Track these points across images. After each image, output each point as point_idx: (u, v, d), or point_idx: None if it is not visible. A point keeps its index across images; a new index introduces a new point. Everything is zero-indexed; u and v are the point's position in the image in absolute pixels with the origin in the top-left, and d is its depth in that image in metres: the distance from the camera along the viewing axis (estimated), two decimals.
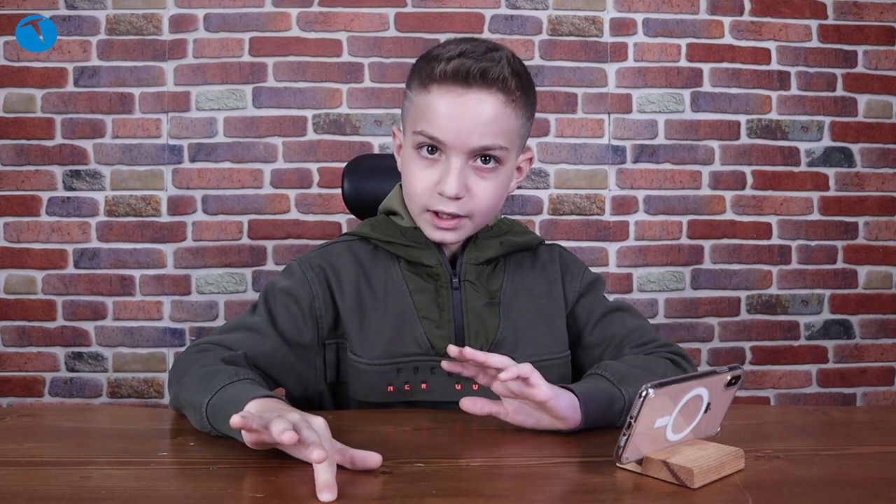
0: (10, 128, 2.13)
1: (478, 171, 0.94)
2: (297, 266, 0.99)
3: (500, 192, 0.97)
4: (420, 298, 0.97)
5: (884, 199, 2.30)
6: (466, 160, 0.93)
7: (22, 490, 0.63)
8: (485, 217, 0.98)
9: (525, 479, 0.67)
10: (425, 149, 0.94)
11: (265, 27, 2.17)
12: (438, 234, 0.96)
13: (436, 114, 0.91)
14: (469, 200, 0.94)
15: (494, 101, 0.91)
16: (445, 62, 0.90)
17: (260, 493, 0.62)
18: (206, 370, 0.81)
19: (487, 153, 0.93)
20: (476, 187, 0.94)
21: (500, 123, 0.92)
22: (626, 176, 2.25)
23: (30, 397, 2.15)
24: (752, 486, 0.65)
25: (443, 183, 0.92)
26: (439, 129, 0.91)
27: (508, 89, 0.91)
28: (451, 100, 0.90)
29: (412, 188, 0.96)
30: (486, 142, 0.91)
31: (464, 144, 0.91)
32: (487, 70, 0.89)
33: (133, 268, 2.16)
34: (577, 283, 1.05)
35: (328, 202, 2.18)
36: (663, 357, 0.94)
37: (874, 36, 2.28)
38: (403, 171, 0.99)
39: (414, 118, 0.95)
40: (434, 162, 0.94)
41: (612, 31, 2.24)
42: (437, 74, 0.91)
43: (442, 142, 0.92)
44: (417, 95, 0.94)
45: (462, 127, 0.90)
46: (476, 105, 0.90)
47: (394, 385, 0.94)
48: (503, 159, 0.95)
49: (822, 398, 2.30)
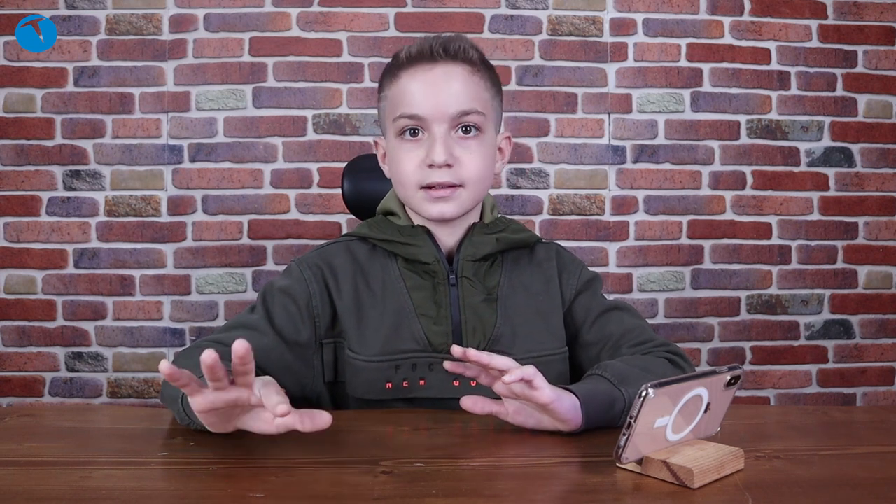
0: (10, 128, 2.13)
1: (461, 141, 0.97)
2: (296, 266, 1.00)
3: (487, 161, 1.00)
4: (418, 295, 0.98)
5: (884, 199, 2.30)
6: (448, 130, 0.96)
7: (22, 490, 0.63)
8: (478, 187, 0.99)
9: (525, 479, 0.67)
10: (408, 132, 0.97)
11: (265, 27, 2.17)
12: (437, 207, 0.97)
13: (410, 94, 0.96)
14: (459, 168, 0.96)
15: (461, 70, 0.97)
16: (408, 48, 0.98)
17: (260, 493, 0.62)
18: (189, 362, 0.82)
19: (466, 121, 0.96)
20: (463, 155, 0.96)
21: (471, 91, 0.97)
22: (626, 176, 2.25)
23: (30, 397, 2.15)
24: (752, 486, 0.65)
25: (430, 154, 0.95)
26: (417, 106, 0.95)
27: (471, 60, 0.98)
28: (421, 77, 0.96)
29: (402, 171, 0.98)
30: (462, 106, 0.95)
31: (442, 114, 0.95)
32: (448, 44, 0.96)
33: (133, 268, 2.16)
34: (574, 281, 1.05)
35: (328, 202, 2.18)
36: (661, 356, 0.94)
37: (874, 36, 2.28)
38: (391, 161, 1.01)
39: (391, 109, 0.99)
40: (418, 142, 0.97)
41: (612, 31, 2.24)
42: (403, 59, 0.97)
43: (421, 117, 0.95)
44: (390, 88, 1.00)
45: (437, 98, 0.95)
46: (445, 76, 0.96)
47: (392, 382, 0.95)
48: (482, 127, 0.98)
49: (822, 398, 2.30)
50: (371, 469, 0.68)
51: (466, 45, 0.98)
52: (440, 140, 0.95)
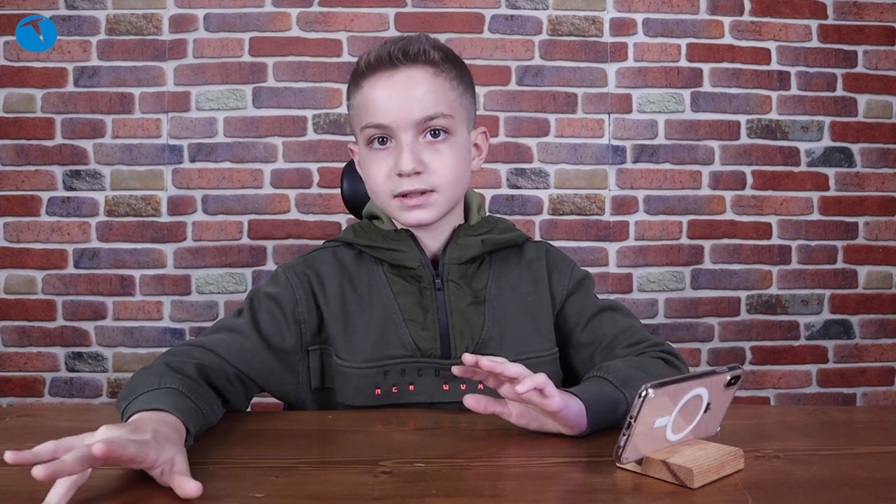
0: (10, 128, 2.13)
1: (429, 145, 0.95)
2: (282, 272, 1.00)
3: (460, 163, 0.98)
4: (404, 300, 0.97)
5: (884, 199, 2.30)
6: (415, 136, 0.94)
7: (22, 490, 0.63)
8: (451, 190, 0.97)
9: (525, 479, 0.67)
10: (376, 141, 0.96)
11: (265, 27, 2.17)
12: (413, 214, 0.96)
13: (374, 102, 0.95)
14: (429, 175, 0.95)
15: (423, 73, 0.94)
16: (367, 55, 0.96)
17: (260, 493, 0.62)
18: (144, 372, 0.81)
19: (432, 126, 0.95)
20: (432, 161, 0.95)
21: (435, 93, 0.94)
22: (626, 176, 2.25)
23: (30, 397, 2.15)
24: (752, 486, 0.65)
25: (398, 163, 0.94)
26: (381, 114, 0.94)
27: (433, 61, 0.95)
28: (382, 84, 0.94)
29: (373, 181, 0.98)
30: (427, 112, 0.93)
31: (406, 120, 0.93)
32: (407, 47, 0.94)
33: (133, 268, 2.16)
34: (565, 282, 1.03)
35: (328, 202, 2.18)
36: (656, 356, 0.94)
37: (874, 36, 2.28)
38: (363, 170, 1.01)
39: (358, 119, 0.98)
40: (387, 151, 0.96)
41: (612, 31, 2.24)
42: (363, 67, 0.96)
43: (386, 126, 0.94)
44: (354, 97, 0.98)
45: (400, 104, 0.93)
46: (406, 81, 0.94)
47: (381, 388, 0.94)
48: (451, 129, 0.96)
49: (822, 398, 2.30)
50: (371, 469, 0.68)
51: (427, 45, 0.95)
52: (407, 148, 0.93)
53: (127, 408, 0.74)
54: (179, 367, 0.84)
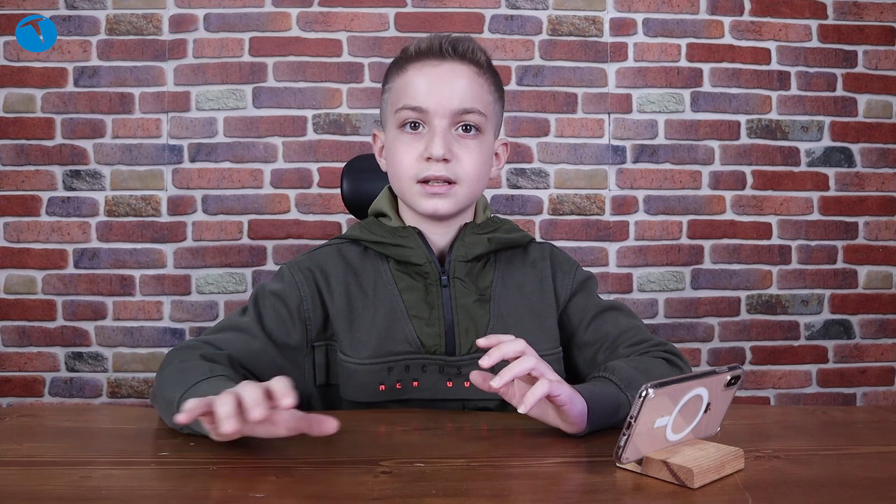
0: (10, 128, 2.13)
1: (460, 139, 0.98)
2: (287, 269, 1.00)
3: (484, 162, 1.00)
4: (409, 297, 0.98)
5: (884, 199, 2.30)
6: (449, 126, 0.96)
7: (22, 490, 0.63)
8: (472, 185, 0.99)
9: (525, 479, 0.67)
10: (408, 125, 0.98)
11: (265, 27, 2.17)
12: (431, 202, 0.97)
13: (415, 87, 0.97)
14: (456, 165, 0.96)
15: (468, 71, 0.98)
16: (418, 43, 0.99)
17: (260, 493, 0.62)
18: (183, 365, 0.82)
19: (467, 120, 0.97)
20: (461, 153, 0.97)
21: (475, 91, 0.98)
22: (626, 176, 2.25)
23: (30, 397, 2.15)
24: (752, 486, 0.65)
25: (429, 147, 0.95)
26: (420, 99, 0.96)
27: (479, 62, 0.99)
28: (428, 71, 0.97)
29: (399, 163, 0.98)
30: (465, 104, 0.96)
31: (445, 109, 0.95)
32: (457, 43, 0.98)
33: (133, 268, 2.16)
34: (569, 282, 1.04)
35: (328, 202, 2.18)
36: (659, 356, 0.94)
37: (874, 36, 2.28)
38: (389, 153, 1.02)
39: (394, 101, 0.99)
40: (418, 136, 0.98)
41: (612, 31, 2.24)
42: (412, 52, 0.98)
43: (424, 110, 0.96)
44: (395, 80, 1.00)
45: (441, 93, 0.96)
46: (451, 73, 0.97)
47: (385, 384, 0.95)
48: (482, 128, 0.99)
49: (822, 398, 2.30)
50: (371, 469, 0.68)
51: (475, 46, 0.99)
52: (440, 134, 0.95)
53: (184, 396, 0.75)
54: (214, 357, 0.86)
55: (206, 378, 0.77)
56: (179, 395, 0.75)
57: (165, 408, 0.79)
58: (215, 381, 0.77)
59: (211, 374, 0.78)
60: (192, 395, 0.74)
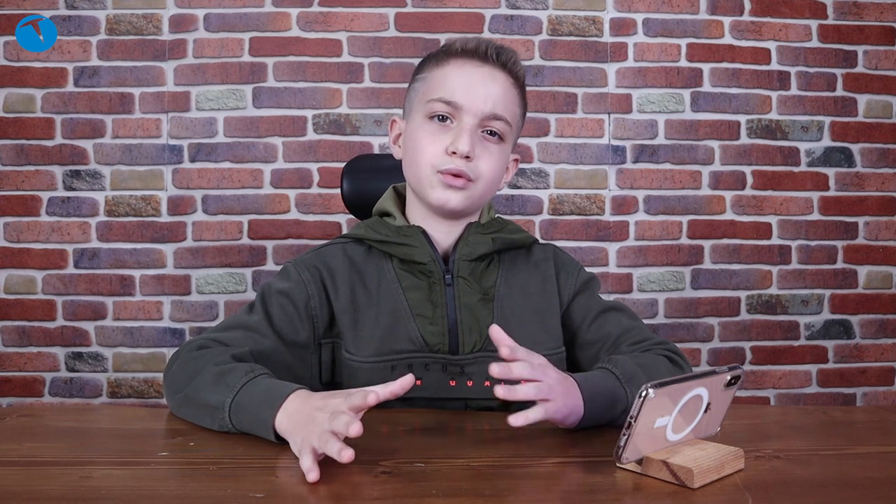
0: (10, 128, 2.13)
1: (484, 141, 0.99)
2: (293, 267, 1.00)
3: (500, 168, 1.01)
4: (413, 296, 0.98)
5: (884, 199, 2.30)
6: (476, 126, 0.97)
7: (22, 490, 0.63)
8: (486, 187, 1.00)
9: (525, 479, 0.67)
10: (437, 118, 0.98)
11: (265, 27, 2.17)
12: (445, 193, 0.97)
13: (453, 81, 0.98)
14: (477, 164, 0.98)
15: (505, 79, 0.99)
16: (465, 41, 1.00)
17: (260, 493, 0.62)
18: (220, 368, 0.82)
19: (493, 126, 0.98)
20: (483, 153, 0.98)
21: (508, 100, 0.99)
22: (626, 176, 2.25)
23: (30, 397, 2.15)
24: (752, 486, 0.65)
25: (456, 142, 0.96)
26: (458, 94, 0.97)
27: (517, 75, 1.01)
28: (468, 69, 0.98)
29: (423, 152, 0.98)
30: (496, 110, 0.98)
31: (478, 108, 0.97)
32: (502, 52, 1.00)
33: (133, 268, 2.16)
34: (572, 282, 1.06)
35: (328, 202, 2.18)
36: (661, 354, 0.95)
37: (874, 36, 2.28)
38: (411, 141, 1.02)
39: (427, 91, 1.00)
40: (446, 129, 0.98)
41: (612, 31, 2.24)
42: (458, 48, 1.00)
43: (457, 105, 0.97)
44: (433, 72, 1.01)
45: (477, 93, 0.97)
46: (490, 77, 0.98)
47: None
48: (505, 137, 1.00)
49: (822, 398, 2.30)
50: (371, 469, 0.68)
51: (517, 59, 1.01)
52: (468, 131, 0.96)
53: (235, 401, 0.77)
54: (243, 356, 0.88)
55: (251, 379, 0.79)
56: (230, 398, 0.77)
57: (207, 412, 0.80)
58: (262, 382, 0.79)
59: (254, 374, 0.80)
60: (244, 398, 0.77)
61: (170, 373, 0.88)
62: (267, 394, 0.76)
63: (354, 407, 0.69)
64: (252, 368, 0.81)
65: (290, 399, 0.74)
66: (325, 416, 0.69)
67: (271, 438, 0.74)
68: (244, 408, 0.76)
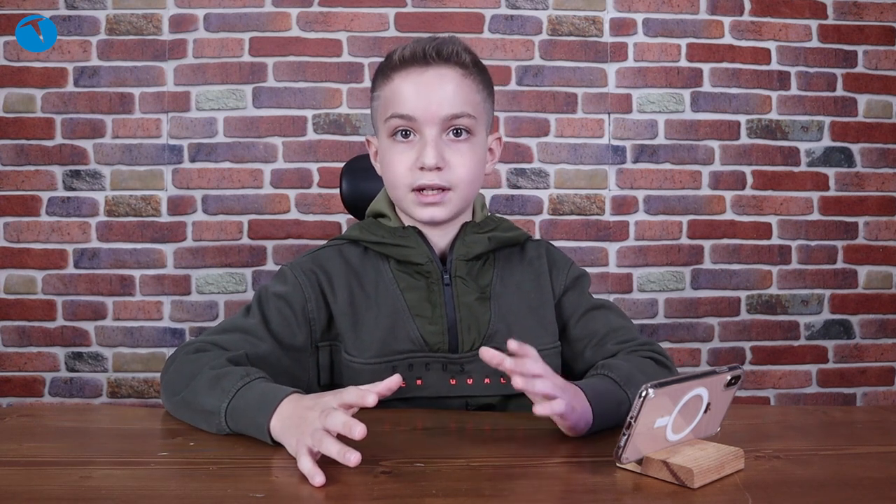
0: (10, 128, 2.13)
1: (452, 144, 0.97)
2: (289, 271, 1.00)
3: (477, 164, 1.00)
4: (411, 296, 0.98)
5: (884, 199, 2.30)
6: (439, 133, 0.96)
7: (22, 490, 0.63)
8: (467, 189, 0.99)
9: (525, 479, 0.67)
10: (399, 133, 0.98)
11: (265, 27, 2.17)
12: (427, 211, 0.97)
13: (402, 95, 0.96)
14: (449, 172, 0.97)
15: (453, 74, 0.97)
16: (402, 50, 0.98)
17: (260, 493, 0.62)
18: (215, 372, 0.82)
19: (457, 124, 0.97)
20: (453, 158, 0.97)
21: (463, 93, 0.97)
22: (626, 176, 2.25)
23: (30, 397, 2.15)
24: (752, 486, 0.65)
25: (422, 156, 0.95)
26: (409, 107, 0.96)
27: (464, 63, 0.98)
28: (414, 79, 0.96)
29: (393, 172, 0.99)
30: (454, 110, 0.96)
31: (434, 116, 0.95)
32: (441, 47, 0.97)
33: (133, 268, 2.16)
34: (563, 277, 1.06)
35: (328, 202, 2.18)
36: (647, 356, 0.95)
37: (874, 36, 2.28)
38: (382, 161, 1.02)
39: (383, 109, 0.99)
40: (410, 144, 0.97)
41: (612, 31, 2.24)
42: (397, 60, 0.97)
43: (413, 118, 0.96)
44: (382, 89, 1.00)
45: (429, 100, 0.95)
46: (438, 79, 0.96)
47: None
48: (473, 130, 0.98)
49: (822, 398, 2.30)
50: (371, 469, 0.68)
51: (459, 48, 0.98)
52: (431, 143, 0.95)
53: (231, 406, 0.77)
54: (239, 360, 0.87)
55: (247, 383, 0.79)
56: (226, 403, 0.77)
57: (204, 417, 0.80)
58: (258, 385, 0.79)
59: (249, 378, 0.80)
60: (239, 402, 0.77)
61: (166, 375, 0.88)
62: (262, 398, 0.76)
63: (345, 403, 0.69)
64: (248, 372, 0.81)
65: (284, 403, 0.74)
66: (315, 415, 0.69)
67: (269, 442, 0.74)
68: (240, 412, 0.76)
